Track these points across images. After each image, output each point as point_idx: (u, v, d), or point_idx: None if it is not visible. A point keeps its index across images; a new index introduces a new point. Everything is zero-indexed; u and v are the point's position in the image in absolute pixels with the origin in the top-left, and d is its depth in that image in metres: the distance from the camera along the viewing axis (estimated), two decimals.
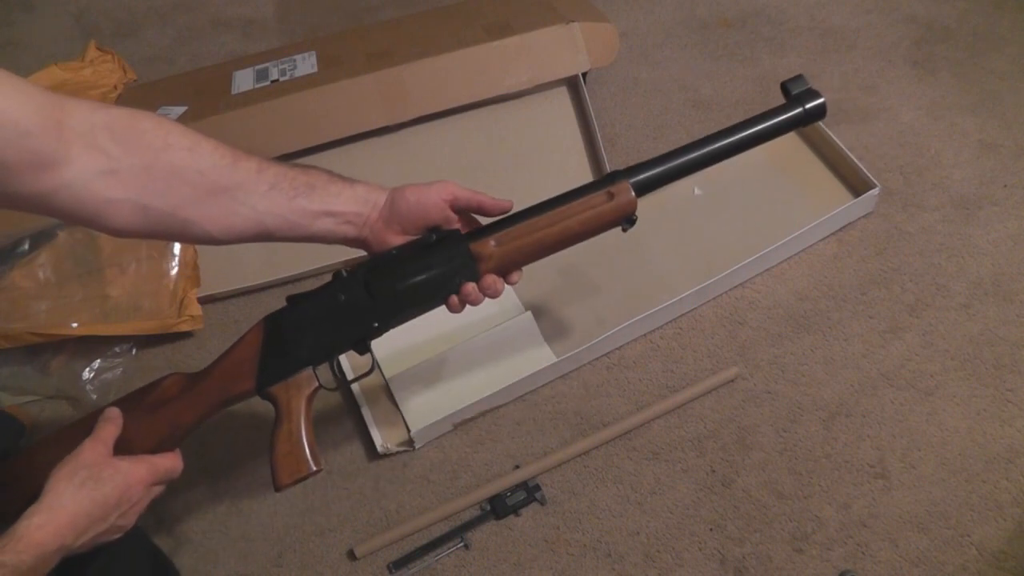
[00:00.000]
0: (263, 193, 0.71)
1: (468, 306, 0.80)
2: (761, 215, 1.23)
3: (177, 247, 1.22)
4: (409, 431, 1.07)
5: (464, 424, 1.10)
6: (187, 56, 1.66)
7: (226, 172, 0.68)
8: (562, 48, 1.25)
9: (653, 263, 1.21)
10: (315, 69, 1.30)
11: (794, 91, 0.86)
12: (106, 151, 0.63)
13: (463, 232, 0.81)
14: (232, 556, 1.04)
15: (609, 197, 0.80)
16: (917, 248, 1.19)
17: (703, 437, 1.06)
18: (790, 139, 1.30)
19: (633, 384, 1.11)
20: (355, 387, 1.10)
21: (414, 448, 1.08)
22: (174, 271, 1.21)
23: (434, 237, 0.79)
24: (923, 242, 1.19)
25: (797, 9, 1.53)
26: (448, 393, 1.11)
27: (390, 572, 1.00)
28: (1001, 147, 1.28)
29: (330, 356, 0.81)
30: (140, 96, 1.44)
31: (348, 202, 0.75)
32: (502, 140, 1.29)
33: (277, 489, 0.80)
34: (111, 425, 0.74)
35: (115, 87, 1.47)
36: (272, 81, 1.31)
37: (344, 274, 0.79)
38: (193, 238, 0.71)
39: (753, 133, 0.85)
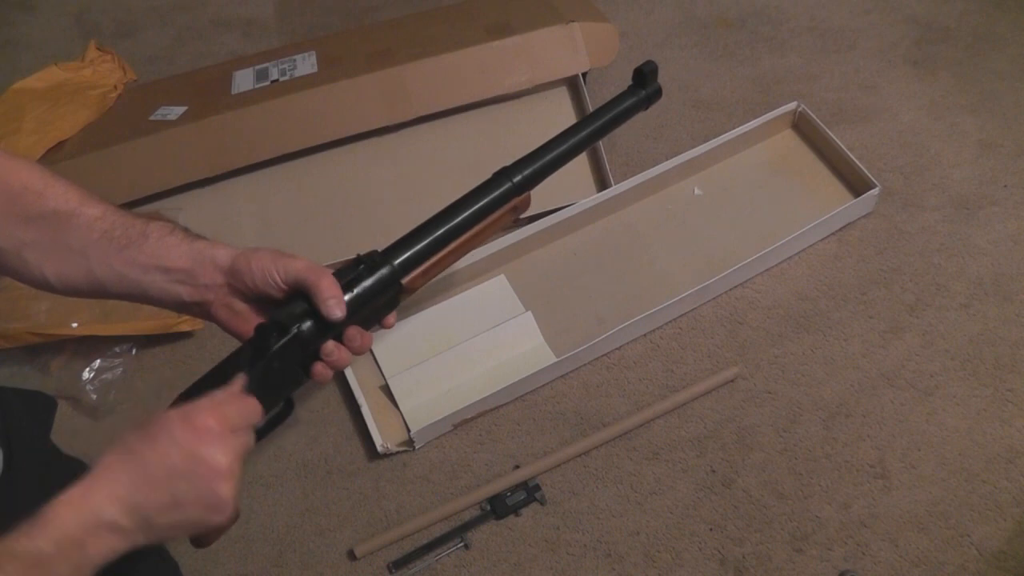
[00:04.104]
0: (94, 241, 0.65)
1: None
2: (761, 215, 1.23)
3: None
4: (409, 431, 1.07)
5: (464, 424, 1.10)
6: (187, 56, 1.66)
7: (65, 218, 0.66)
8: (562, 48, 1.24)
9: (653, 263, 1.21)
10: (315, 69, 1.30)
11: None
12: None
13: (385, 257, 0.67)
14: (232, 556, 1.04)
15: (517, 198, 0.72)
16: (917, 248, 1.19)
17: (703, 437, 1.06)
18: (790, 139, 1.30)
19: (633, 384, 1.11)
20: (355, 387, 1.10)
21: (414, 448, 1.08)
22: None
23: (361, 266, 0.65)
24: (923, 242, 1.19)
25: (797, 9, 1.53)
26: (448, 393, 1.11)
27: (390, 572, 1.00)
28: (1001, 147, 1.28)
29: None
30: (140, 96, 1.44)
31: (180, 257, 0.64)
32: (502, 140, 1.28)
33: None
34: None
35: (115, 87, 1.47)
36: (272, 81, 1.31)
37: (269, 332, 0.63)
38: (31, 279, 0.67)
39: (610, 119, 0.76)
